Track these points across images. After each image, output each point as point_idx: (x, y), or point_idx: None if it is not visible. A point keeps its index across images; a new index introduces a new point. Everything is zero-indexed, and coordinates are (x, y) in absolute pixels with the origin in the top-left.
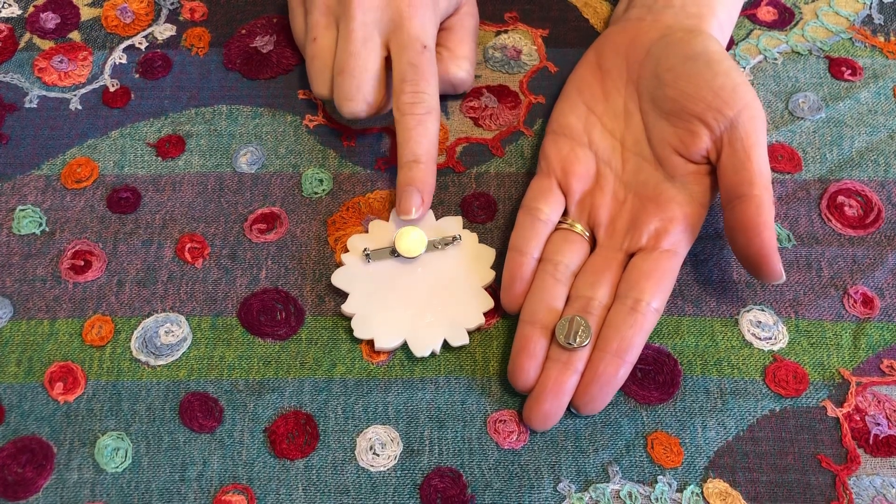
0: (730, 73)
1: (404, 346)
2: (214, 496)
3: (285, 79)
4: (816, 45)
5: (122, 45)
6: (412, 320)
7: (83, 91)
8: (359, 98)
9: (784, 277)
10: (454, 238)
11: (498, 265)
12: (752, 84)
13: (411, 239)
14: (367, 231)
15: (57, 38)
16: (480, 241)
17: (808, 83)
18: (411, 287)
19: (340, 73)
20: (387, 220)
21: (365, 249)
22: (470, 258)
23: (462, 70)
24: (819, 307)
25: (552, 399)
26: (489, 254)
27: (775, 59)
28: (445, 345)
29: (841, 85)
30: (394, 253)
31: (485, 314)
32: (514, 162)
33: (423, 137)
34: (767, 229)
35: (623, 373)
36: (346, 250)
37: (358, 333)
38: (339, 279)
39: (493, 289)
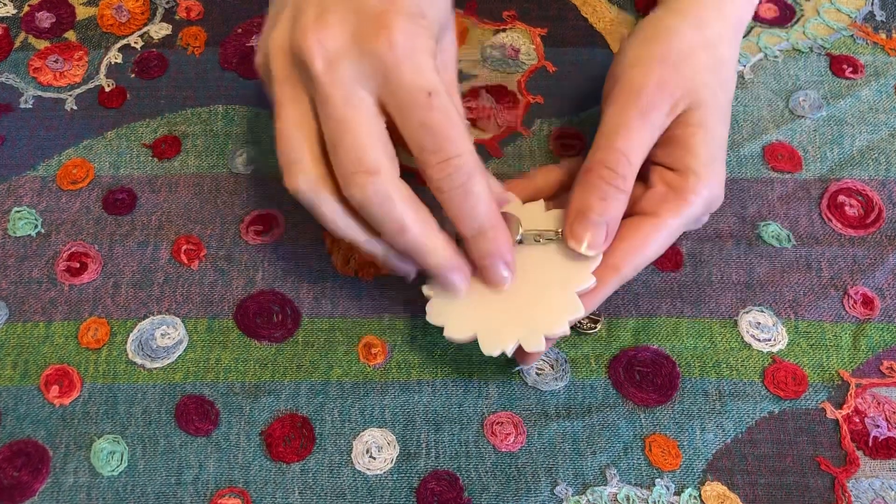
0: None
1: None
2: (210, 499)
3: None
4: (817, 42)
5: (118, 45)
6: (489, 314)
7: (79, 91)
8: (377, 165)
9: (587, 248)
10: (556, 233)
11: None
12: (753, 82)
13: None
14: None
15: (52, 38)
16: None
17: (808, 81)
18: None
19: (334, 148)
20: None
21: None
22: (569, 258)
23: None
24: (819, 308)
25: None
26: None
27: (776, 56)
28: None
29: (842, 83)
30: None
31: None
32: (512, 163)
33: (476, 206)
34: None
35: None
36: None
37: (431, 318)
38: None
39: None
